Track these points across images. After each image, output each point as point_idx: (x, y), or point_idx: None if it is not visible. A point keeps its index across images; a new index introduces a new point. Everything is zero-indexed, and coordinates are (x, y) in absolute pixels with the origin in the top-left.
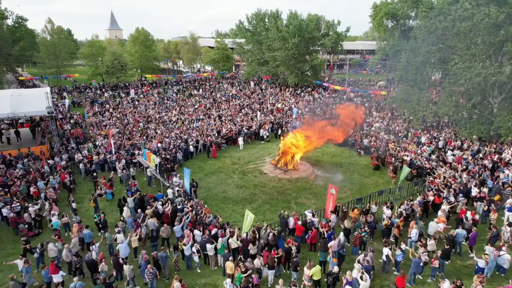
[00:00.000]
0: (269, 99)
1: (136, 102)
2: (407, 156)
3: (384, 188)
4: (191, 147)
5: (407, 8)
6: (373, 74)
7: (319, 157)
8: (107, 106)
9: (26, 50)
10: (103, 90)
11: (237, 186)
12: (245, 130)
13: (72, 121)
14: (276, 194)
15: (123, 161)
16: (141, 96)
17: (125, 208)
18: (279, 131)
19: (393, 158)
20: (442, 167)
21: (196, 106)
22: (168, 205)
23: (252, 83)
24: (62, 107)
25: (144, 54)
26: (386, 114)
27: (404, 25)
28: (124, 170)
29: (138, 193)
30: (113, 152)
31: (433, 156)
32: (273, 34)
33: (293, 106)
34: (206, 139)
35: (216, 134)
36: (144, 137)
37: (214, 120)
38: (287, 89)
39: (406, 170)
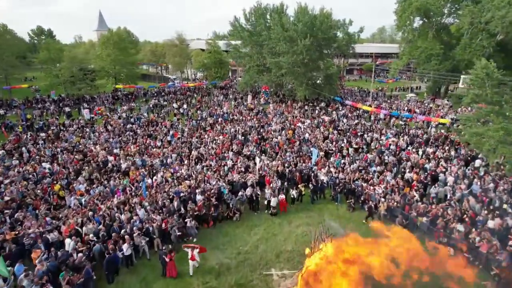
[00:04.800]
0: (272, 120)
1: (87, 129)
2: None
3: None
4: (124, 247)
5: (444, 2)
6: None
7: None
8: (43, 134)
9: None
10: (61, 105)
11: None
12: (238, 191)
13: None
14: None
15: None
16: (100, 116)
17: None
18: (292, 192)
19: None
20: None
21: (168, 136)
22: None
23: (249, 98)
24: None
25: (118, 58)
26: (447, 152)
27: (438, 23)
28: None
29: None
30: None
31: None
32: (277, 34)
33: (306, 135)
34: (164, 226)
35: (181, 210)
36: (54, 212)
37: (188, 168)
38: (293, 104)
39: None
